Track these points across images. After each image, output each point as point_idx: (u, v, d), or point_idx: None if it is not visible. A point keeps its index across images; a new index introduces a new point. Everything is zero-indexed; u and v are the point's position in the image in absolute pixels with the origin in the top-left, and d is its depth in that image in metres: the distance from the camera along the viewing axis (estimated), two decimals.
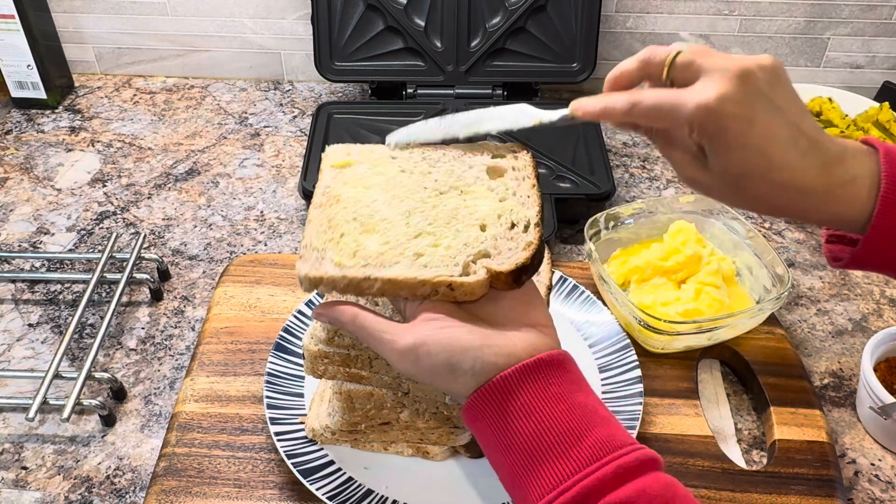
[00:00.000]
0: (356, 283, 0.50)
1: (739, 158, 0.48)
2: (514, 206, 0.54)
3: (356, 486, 0.62)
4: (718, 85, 0.47)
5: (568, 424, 0.46)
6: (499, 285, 0.51)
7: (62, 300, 0.84)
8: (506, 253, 0.51)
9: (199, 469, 0.65)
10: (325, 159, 0.60)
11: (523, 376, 0.47)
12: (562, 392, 0.47)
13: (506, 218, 0.53)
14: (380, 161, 0.59)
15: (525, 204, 0.54)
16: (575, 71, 1.08)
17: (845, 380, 0.77)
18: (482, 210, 0.54)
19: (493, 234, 0.52)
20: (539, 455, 0.45)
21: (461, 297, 0.50)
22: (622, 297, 0.74)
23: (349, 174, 0.58)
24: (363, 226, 0.53)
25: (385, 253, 0.51)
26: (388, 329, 0.50)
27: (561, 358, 0.49)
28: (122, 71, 1.22)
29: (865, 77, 1.16)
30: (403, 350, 0.49)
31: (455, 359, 0.47)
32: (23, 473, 0.68)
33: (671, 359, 0.75)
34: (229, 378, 0.73)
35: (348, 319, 0.51)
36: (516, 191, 0.56)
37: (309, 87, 1.20)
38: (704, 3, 1.10)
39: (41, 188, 1.00)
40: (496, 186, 0.56)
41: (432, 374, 0.48)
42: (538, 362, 0.47)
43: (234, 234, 0.93)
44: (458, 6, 1.05)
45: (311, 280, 0.51)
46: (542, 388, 0.47)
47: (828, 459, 0.67)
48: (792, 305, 0.84)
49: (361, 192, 0.56)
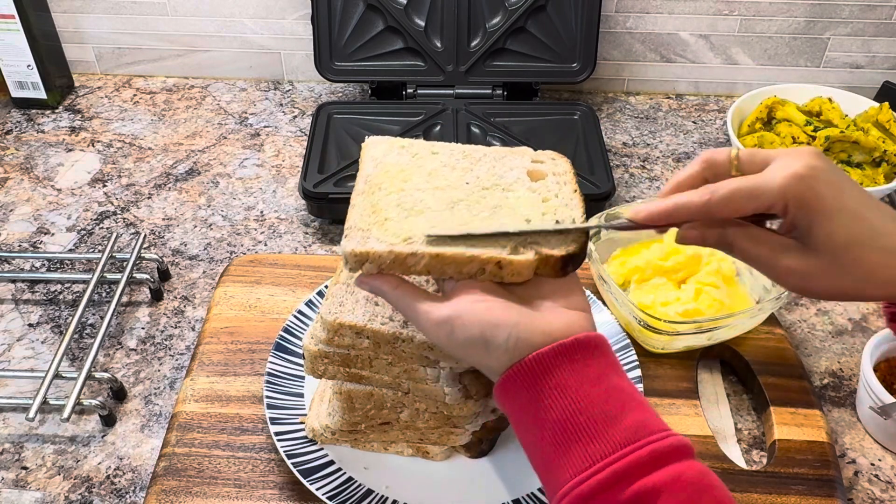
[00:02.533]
0: (402, 258, 0.50)
1: (842, 225, 0.47)
2: (557, 206, 0.54)
3: (356, 486, 0.62)
4: (800, 158, 0.47)
5: (603, 406, 0.45)
6: (545, 272, 0.51)
7: (62, 300, 0.84)
8: (554, 242, 0.51)
9: (199, 469, 0.65)
10: (366, 150, 0.60)
11: (560, 355, 0.47)
12: (599, 373, 0.47)
13: (550, 215, 0.54)
14: (421, 153, 0.59)
15: (569, 205, 0.55)
16: (575, 71, 1.08)
17: (845, 380, 0.77)
18: (526, 207, 0.54)
19: (539, 227, 0.52)
20: (573, 435, 0.45)
21: (508, 277, 0.50)
22: (622, 297, 0.74)
23: (390, 165, 0.58)
24: (408, 212, 0.53)
25: (433, 232, 0.51)
26: (426, 300, 0.50)
27: (599, 340, 0.49)
28: (122, 71, 1.22)
29: (865, 77, 1.16)
30: (439, 321, 0.49)
31: (490, 332, 0.47)
32: (23, 473, 0.68)
33: (671, 359, 0.75)
34: (229, 378, 0.73)
35: (389, 288, 0.51)
36: (558, 193, 0.56)
37: (309, 87, 1.20)
38: (704, 3, 1.10)
39: (41, 188, 1.00)
40: (538, 188, 0.56)
41: (466, 346, 0.48)
42: (576, 342, 0.47)
43: (234, 234, 0.93)
44: (458, 6, 1.05)
45: (356, 256, 0.50)
46: (579, 369, 0.47)
47: (828, 459, 0.67)
48: (792, 305, 0.84)
49: (403, 183, 0.56)
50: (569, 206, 0.55)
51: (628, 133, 1.11)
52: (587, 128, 1.01)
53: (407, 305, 0.51)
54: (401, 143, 0.60)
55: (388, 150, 0.60)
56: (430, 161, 0.58)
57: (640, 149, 1.07)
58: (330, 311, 0.58)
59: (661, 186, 1.00)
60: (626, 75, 1.18)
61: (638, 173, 1.03)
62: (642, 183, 1.01)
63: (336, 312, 0.58)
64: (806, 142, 0.96)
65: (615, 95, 1.19)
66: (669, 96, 1.19)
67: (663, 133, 1.11)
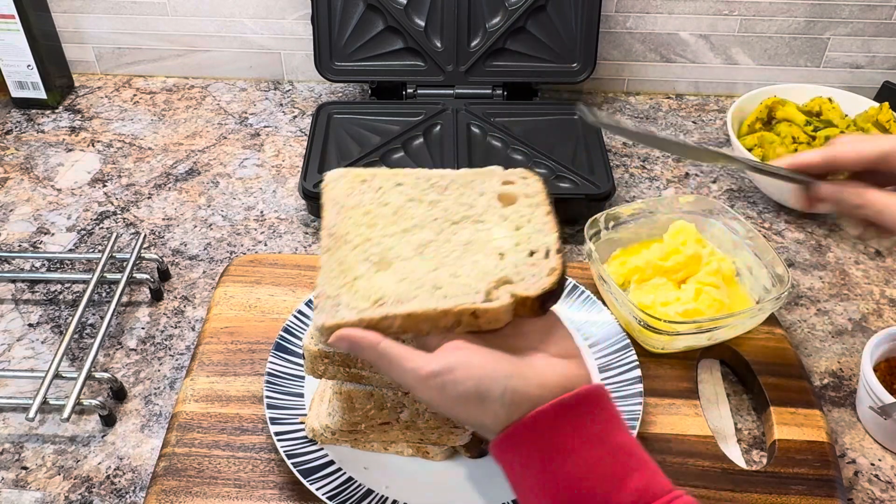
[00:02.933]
0: (374, 323, 0.48)
1: None
2: (531, 234, 0.53)
3: (356, 486, 0.62)
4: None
5: (608, 468, 0.44)
6: (524, 312, 0.49)
7: (62, 300, 0.84)
8: (529, 279, 0.49)
9: (199, 469, 0.65)
10: (326, 191, 0.58)
11: (562, 414, 0.45)
12: (602, 431, 0.46)
13: (524, 245, 0.52)
14: (385, 187, 0.57)
15: (542, 231, 0.53)
16: (575, 71, 1.08)
17: (845, 380, 0.77)
18: (498, 239, 0.52)
19: (512, 261, 0.51)
20: (580, 499, 0.44)
21: (486, 325, 0.48)
22: (622, 297, 0.74)
23: (353, 208, 0.56)
24: (376, 265, 0.51)
25: (402, 289, 0.49)
26: (411, 357, 0.47)
27: (599, 392, 0.47)
28: (122, 71, 1.22)
29: (865, 77, 1.16)
30: (429, 375, 0.46)
31: (484, 386, 0.45)
32: (23, 473, 0.68)
33: (671, 359, 0.75)
34: (229, 378, 0.73)
35: (368, 346, 0.48)
36: (531, 218, 0.54)
37: (309, 87, 1.20)
38: (704, 3, 1.10)
39: (41, 188, 1.00)
40: (510, 214, 0.54)
41: (459, 403, 0.46)
42: (577, 398, 0.46)
43: (234, 234, 0.93)
44: (458, 6, 1.05)
45: (329, 329, 0.49)
46: (582, 426, 0.45)
47: (828, 459, 0.67)
48: (792, 305, 0.84)
49: (369, 230, 0.54)
50: (542, 231, 0.53)
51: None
52: (587, 128, 1.01)
53: (390, 363, 0.47)
54: (361, 177, 0.58)
55: (350, 188, 0.57)
56: (395, 196, 0.56)
57: (640, 149, 1.07)
58: None
59: (661, 186, 1.01)
60: (626, 75, 1.18)
61: (638, 173, 1.03)
62: (642, 183, 1.01)
63: None
64: (806, 142, 0.96)
65: (615, 95, 1.19)
66: (669, 96, 1.19)
67: (663, 133, 1.11)
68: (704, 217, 0.84)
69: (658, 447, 0.68)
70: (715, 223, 0.83)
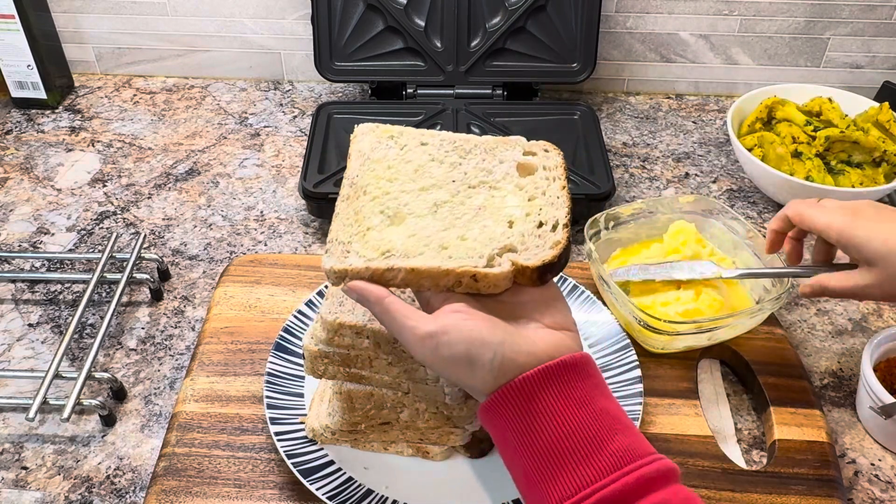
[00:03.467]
0: (380, 273, 0.50)
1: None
2: (543, 206, 0.54)
3: (356, 486, 0.62)
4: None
5: (590, 430, 0.45)
6: (523, 281, 0.50)
7: (62, 300, 0.84)
8: (533, 250, 0.51)
9: (199, 469, 0.65)
10: (354, 142, 0.59)
11: (546, 378, 0.46)
12: (585, 396, 0.47)
13: (534, 216, 0.53)
14: (409, 145, 0.58)
15: (554, 204, 0.54)
16: (575, 71, 1.08)
17: (845, 380, 0.77)
18: (510, 207, 0.54)
19: (520, 230, 0.52)
20: (560, 459, 0.45)
21: (484, 290, 0.50)
22: (622, 297, 0.74)
23: (377, 162, 0.57)
24: (389, 219, 0.53)
25: (410, 245, 0.51)
26: (411, 315, 0.49)
27: (584, 361, 0.48)
28: (122, 71, 1.22)
29: (865, 77, 1.16)
30: (424, 336, 0.48)
31: (475, 351, 0.47)
32: (23, 473, 0.68)
33: (671, 359, 0.75)
34: (229, 378, 0.73)
35: (375, 299, 0.50)
36: (546, 190, 0.55)
37: (309, 87, 1.20)
38: (704, 3, 1.10)
39: (41, 188, 1.00)
40: (526, 184, 0.55)
41: (450, 364, 0.48)
42: (561, 364, 0.47)
43: (234, 234, 0.93)
44: (458, 6, 1.05)
45: (336, 273, 0.50)
46: (565, 391, 0.46)
47: (828, 459, 0.67)
48: (792, 305, 0.84)
49: (388, 184, 0.55)
50: (554, 205, 0.54)
51: (628, 133, 1.11)
52: (587, 128, 1.01)
53: (392, 319, 0.50)
54: (389, 133, 0.59)
55: (377, 142, 0.59)
56: (418, 154, 0.57)
57: (640, 149, 1.07)
58: (330, 311, 0.58)
59: (661, 186, 1.01)
60: (626, 75, 1.18)
61: (638, 173, 1.03)
62: (642, 183, 1.01)
63: (336, 312, 0.58)
64: (806, 141, 0.96)
65: (615, 95, 1.19)
66: (669, 96, 1.19)
67: (663, 133, 1.11)
68: (704, 217, 0.84)
69: (658, 447, 0.66)
70: (715, 223, 0.83)
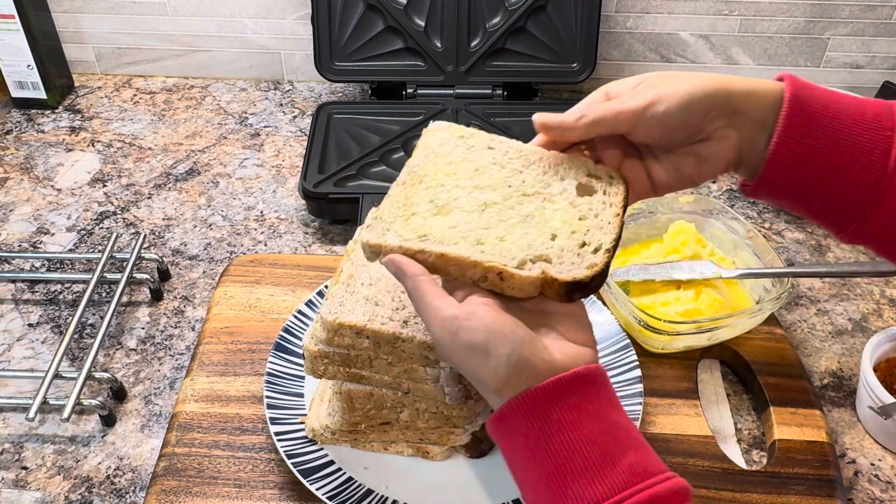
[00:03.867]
0: (411, 253, 0.49)
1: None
2: (591, 228, 0.53)
3: (356, 486, 0.62)
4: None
5: (604, 445, 0.45)
6: (550, 294, 0.50)
7: (62, 300, 0.84)
8: (567, 265, 0.50)
9: (199, 469, 0.65)
10: (425, 136, 0.59)
11: (560, 390, 0.46)
12: (597, 409, 0.46)
13: (579, 235, 0.52)
14: (476, 147, 0.58)
15: (603, 229, 0.53)
16: (575, 71, 1.08)
17: (845, 380, 0.77)
18: (558, 221, 0.53)
19: (560, 245, 0.51)
20: (571, 475, 0.44)
21: (508, 290, 0.49)
22: (622, 297, 0.74)
23: (441, 157, 0.57)
24: (437, 209, 0.53)
25: (448, 234, 0.51)
26: (439, 297, 0.49)
27: (598, 373, 0.48)
28: (122, 71, 1.22)
29: (865, 77, 1.16)
30: (446, 318, 0.47)
31: (494, 342, 0.46)
32: (23, 473, 0.68)
33: (671, 359, 0.75)
34: (229, 378, 0.73)
35: (410, 274, 0.49)
36: (599, 214, 0.54)
37: (309, 87, 1.20)
38: (704, 3, 1.10)
39: (41, 188, 1.00)
40: (581, 204, 0.54)
41: (467, 350, 0.47)
42: (575, 377, 0.46)
43: (234, 234, 0.93)
44: (458, 6, 1.05)
45: (371, 247, 0.50)
46: (578, 404, 0.46)
47: (828, 459, 0.67)
48: (792, 305, 0.84)
49: (446, 178, 0.55)
50: (603, 229, 0.52)
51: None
52: None
53: (421, 296, 0.49)
54: (460, 133, 0.59)
55: (447, 139, 0.58)
56: (483, 156, 0.57)
57: None
58: (330, 311, 0.58)
59: None
60: (626, 75, 1.17)
61: None
62: None
63: (336, 312, 0.58)
64: None
65: None
66: None
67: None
68: (704, 217, 0.84)
69: (658, 447, 0.67)
70: (715, 223, 0.83)
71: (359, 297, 0.59)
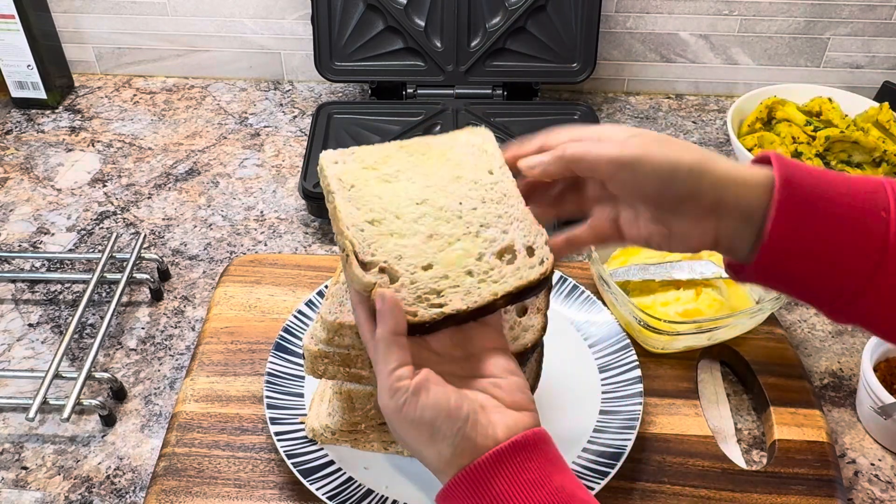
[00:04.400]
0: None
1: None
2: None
3: (356, 486, 0.62)
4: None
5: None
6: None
7: (62, 300, 0.84)
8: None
9: (199, 469, 0.65)
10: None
11: (498, 463, 0.46)
12: (538, 476, 0.46)
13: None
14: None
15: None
16: (575, 71, 1.08)
17: (845, 380, 0.77)
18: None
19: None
20: None
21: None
22: (622, 297, 0.74)
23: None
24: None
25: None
26: (400, 361, 0.47)
27: (538, 437, 0.47)
28: (122, 71, 1.22)
29: (865, 77, 1.16)
30: (398, 388, 0.46)
31: (441, 422, 0.46)
32: (23, 473, 0.68)
33: (671, 359, 0.75)
34: (229, 378, 0.73)
35: (387, 325, 0.48)
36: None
37: (309, 87, 1.20)
38: (704, 3, 1.10)
39: (41, 188, 1.00)
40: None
41: (413, 426, 0.47)
42: (513, 446, 0.46)
43: (234, 234, 0.93)
44: (458, 6, 1.05)
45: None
46: (518, 473, 0.45)
47: (828, 459, 0.67)
48: (792, 305, 0.84)
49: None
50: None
51: None
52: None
53: (377, 353, 0.48)
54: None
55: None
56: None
57: None
58: (330, 311, 0.58)
59: None
60: (626, 75, 1.18)
61: None
62: None
63: (336, 312, 0.58)
64: (806, 141, 0.96)
65: (615, 95, 1.19)
66: (669, 96, 1.19)
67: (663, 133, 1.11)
68: None
69: (658, 447, 0.68)
70: None
71: None
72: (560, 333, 0.73)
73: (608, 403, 0.68)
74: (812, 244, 0.47)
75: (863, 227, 0.47)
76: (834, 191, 0.47)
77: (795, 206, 0.47)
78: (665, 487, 0.65)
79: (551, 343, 0.64)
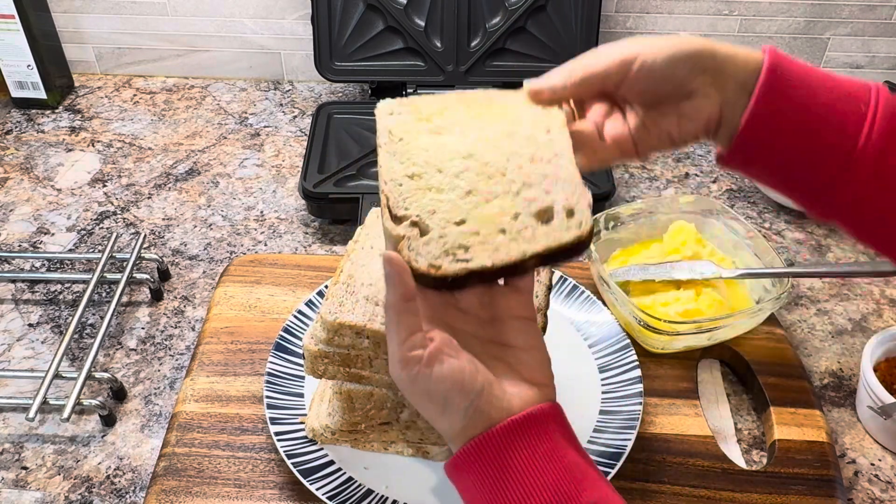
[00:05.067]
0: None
1: None
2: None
3: (356, 486, 0.62)
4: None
5: (558, 486, 0.44)
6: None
7: (62, 300, 0.84)
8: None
9: (199, 469, 0.65)
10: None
11: (512, 433, 0.45)
12: (552, 449, 0.46)
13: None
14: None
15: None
16: None
17: (845, 380, 0.77)
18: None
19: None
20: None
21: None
22: (622, 297, 0.74)
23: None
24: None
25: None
26: (414, 333, 0.46)
27: (552, 412, 0.47)
28: (122, 71, 1.22)
29: (865, 77, 1.15)
30: (410, 360, 0.46)
31: (452, 396, 0.46)
32: (23, 473, 0.68)
33: (671, 359, 0.75)
34: (229, 378, 0.73)
35: (399, 296, 0.46)
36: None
37: (309, 87, 1.20)
38: (704, 3, 1.10)
39: (41, 188, 1.00)
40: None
41: (423, 398, 0.47)
42: (528, 418, 0.46)
43: (234, 234, 0.93)
44: (458, 6, 1.05)
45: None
46: (532, 445, 0.45)
47: (828, 459, 0.67)
48: (792, 305, 0.84)
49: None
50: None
51: None
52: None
53: (393, 325, 0.47)
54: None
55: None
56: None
57: None
58: (330, 311, 0.58)
59: (661, 186, 1.01)
60: None
61: (638, 173, 1.03)
62: (642, 183, 1.01)
63: (336, 312, 0.58)
64: None
65: None
66: None
67: None
68: (704, 217, 0.84)
69: (658, 447, 0.68)
70: (715, 223, 0.83)
71: (359, 297, 0.59)
72: (560, 333, 0.73)
73: (608, 403, 0.68)
74: (790, 126, 0.49)
75: (841, 116, 0.49)
76: (819, 83, 0.50)
77: (779, 88, 0.49)
78: (665, 487, 0.65)
79: (551, 343, 0.63)
